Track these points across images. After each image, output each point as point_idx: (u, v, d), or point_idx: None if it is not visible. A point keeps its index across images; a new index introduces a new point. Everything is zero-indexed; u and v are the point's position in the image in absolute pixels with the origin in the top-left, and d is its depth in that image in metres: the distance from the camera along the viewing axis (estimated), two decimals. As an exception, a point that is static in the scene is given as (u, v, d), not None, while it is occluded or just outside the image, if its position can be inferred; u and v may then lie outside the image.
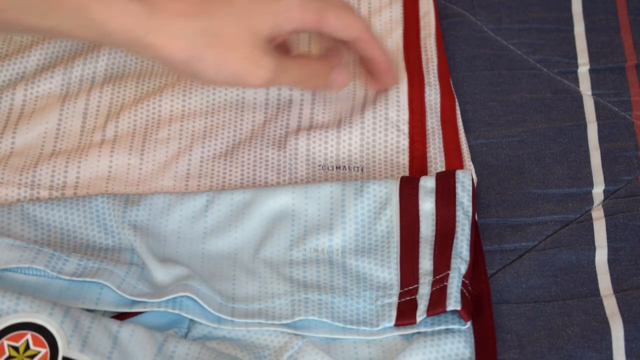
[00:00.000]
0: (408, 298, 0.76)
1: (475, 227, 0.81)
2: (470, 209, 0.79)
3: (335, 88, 0.87)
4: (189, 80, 0.93)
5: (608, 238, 0.82)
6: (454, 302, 0.74)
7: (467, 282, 0.75)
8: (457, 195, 0.80)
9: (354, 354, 0.75)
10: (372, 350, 0.75)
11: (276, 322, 0.75)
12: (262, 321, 0.75)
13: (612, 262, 0.80)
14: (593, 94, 0.93)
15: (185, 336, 0.75)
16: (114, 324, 0.72)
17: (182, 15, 0.78)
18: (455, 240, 0.77)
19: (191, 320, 0.77)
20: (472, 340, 0.75)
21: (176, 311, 0.75)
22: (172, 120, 0.92)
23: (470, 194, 0.80)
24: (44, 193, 0.87)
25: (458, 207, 0.79)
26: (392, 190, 0.81)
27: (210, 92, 0.93)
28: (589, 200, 0.85)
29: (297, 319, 0.75)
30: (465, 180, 0.80)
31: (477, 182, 0.86)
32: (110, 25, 0.77)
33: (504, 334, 0.77)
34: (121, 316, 0.76)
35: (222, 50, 0.80)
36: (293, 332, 0.75)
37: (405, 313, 0.75)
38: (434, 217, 0.79)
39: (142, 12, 0.77)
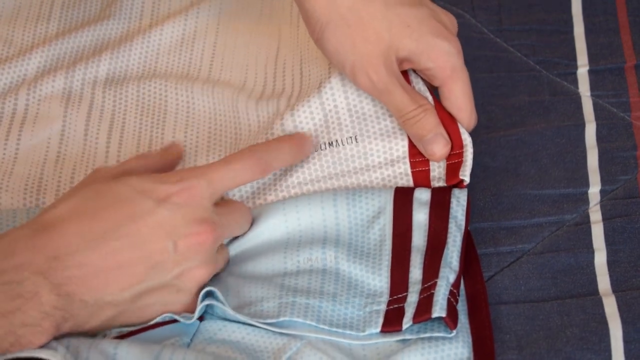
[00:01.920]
0: (396, 306, 0.75)
1: (467, 233, 0.81)
2: (463, 223, 0.79)
3: (427, 153, 0.83)
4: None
5: (606, 241, 0.81)
6: (439, 309, 0.73)
7: (455, 291, 0.75)
8: (451, 209, 0.79)
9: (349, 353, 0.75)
10: (367, 353, 0.75)
11: (261, 320, 0.75)
12: (249, 319, 0.75)
13: (611, 263, 0.79)
14: (592, 95, 0.92)
15: (188, 347, 0.75)
16: (111, 346, 0.71)
17: None
18: (445, 251, 0.77)
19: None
20: (470, 340, 0.75)
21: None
22: (175, 130, 0.91)
23: (465, 208, 0.79)
24: (50, 202, 0.86)
25: (451, 220, 0.79)
26: (386, 200, 0.80)
27: (211, 96, 0.93)
28: (585, 200, 0.84)
29: (281, 319, 0.75)
30: (460, 196, 0.80)
31: (473, 184, 0.85)
32: None
33: (503, 334, 0.76)
34: (124, 335, 0.75)
35: (356, 33, 0.81)
36: (285, 332, 0.75)
37: (392, 320, 0.75)
38: (427, 227, 0.79)
39: None
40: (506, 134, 0.89)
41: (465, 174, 0.81)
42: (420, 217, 0.79)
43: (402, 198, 0.81)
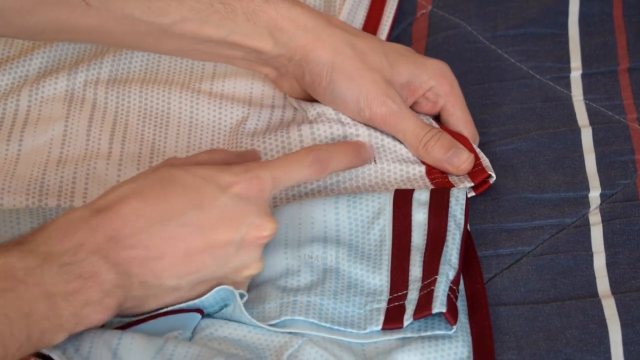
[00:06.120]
0: (397, 304, 0.75)
1: (468, 234, 0.80)
2: (462, 221, 0.78)
3: (453, 167, 0.84)
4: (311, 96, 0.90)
5: (605, 243, 0.80)
6: (439, 304, 0.72)
7: (455, 287, 0.74)
8: (450, 208, 0.79)
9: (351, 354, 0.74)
10: (366, 349, 0.74)
11: (264, 323, 0.74)
12: (253, 321, 0.74)
13: (610, 265, 0.78)
14: (585, 99, 0.91)
15: (190, 340, 0.74)
16: (114, 338, 0.70)
17: (339, 28, 0.86)
18: (445, 248, 0.76)
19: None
20: (470, 340, 0.74)
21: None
22: (178, 136, 0.90)
23: (464, 207, 0.79)
24: (52, 203, 0.85)
25: (450, 219, 0.78)
26: (385, 202, 0.80)
27: (217, 103, 0.92)
28: (586, 204, 0.83)
29: (283, 318, 0.74)
30: (459, 195, 0.80)
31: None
32: (279, 23, 0.84)
33: (502, 335, 0.75)
34: (126, 325, 0.74)
35: (362, 67, 0.85)
36: (287, 331, 0.74)
37: (393, 317, 0.74)
38: (426, 226, 0.78)
39: (305, 14, 0.85)
40: (502, 143, 0.88)
41: (490, 170, 0.83)
42: (420, 216, 0.79)
43: (402, 199, 0.80)
